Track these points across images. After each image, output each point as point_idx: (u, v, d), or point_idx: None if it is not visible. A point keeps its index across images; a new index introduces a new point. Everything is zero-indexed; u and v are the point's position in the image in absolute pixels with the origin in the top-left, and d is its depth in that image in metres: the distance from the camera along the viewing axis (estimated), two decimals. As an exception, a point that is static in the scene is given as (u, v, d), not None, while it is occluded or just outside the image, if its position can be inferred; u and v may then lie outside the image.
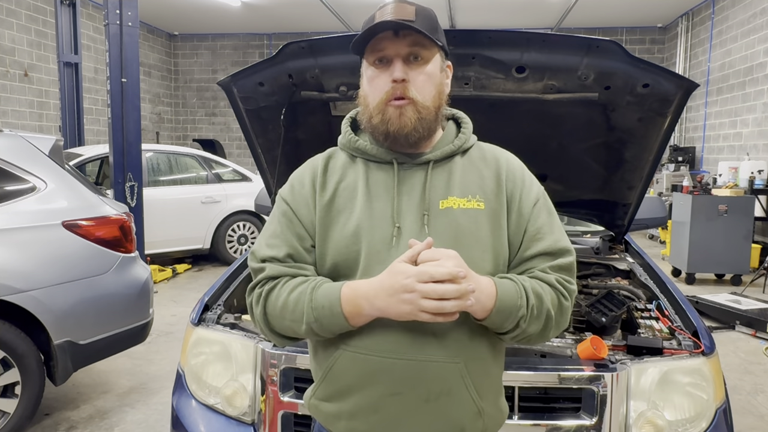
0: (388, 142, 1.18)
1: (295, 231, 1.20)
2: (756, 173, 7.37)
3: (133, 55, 5.42)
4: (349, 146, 1.25)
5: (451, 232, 1.15)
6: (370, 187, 1.19)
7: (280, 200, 1.25)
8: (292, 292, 1.14)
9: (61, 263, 2.95)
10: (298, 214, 1.21)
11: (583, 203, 2.64)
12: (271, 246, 1.20)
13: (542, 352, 1.78)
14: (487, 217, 1.18)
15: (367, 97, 1.20)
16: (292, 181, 1.26)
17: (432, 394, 1.12)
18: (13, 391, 2.84)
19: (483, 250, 1.16)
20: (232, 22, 12.44)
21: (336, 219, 1.18)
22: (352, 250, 1.15)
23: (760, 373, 4.07)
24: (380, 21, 1.13)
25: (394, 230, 1.15)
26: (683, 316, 1.98)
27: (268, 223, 1.26)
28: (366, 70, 1.20)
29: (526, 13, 11.27)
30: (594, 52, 1.87)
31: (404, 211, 1.16)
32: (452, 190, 1.19)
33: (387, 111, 1.15)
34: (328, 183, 1.22)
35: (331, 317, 1.10)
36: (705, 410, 1.67)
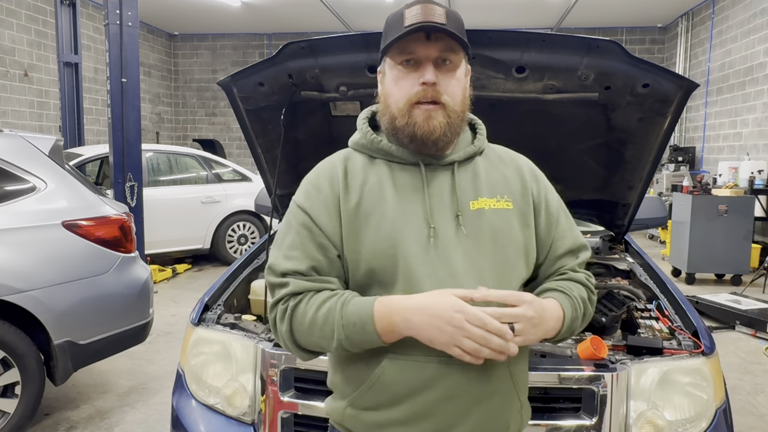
0: (414, 144, 1.16)
1: (317, 241, 1.15)
2: (756, 173, 7.37)
3: (133, 55, 5.42)
4: (371, 147, 1.21)
5: (486, 232, 1.17)
6: (397, 188, 1.16)
7: (297, 209, 1.18)
8: (320, 309, 1.10)
9: (61, 263, 2.95)
10: (319, 222, 1.15)
11: (583, 203, 2.64)
12: (291, 258, 1.15)
13: (542, 352, 1.78)
14: (516, 217, 1.21)
15: (389, 97, 1.18)
16: (307, 187, 1.20)
17: (485, 395, 1.14)
18: (13, 391, 2.84)
19: (516, 249, 1.20)
20: (232, 22, 12.44)
21: (366, 222, 1.13)
22: (389, 254, 1.11)
23: (760, 373, 4.07)
24: (414, 24, 1.11)
25: (430, 231, 1.13)
26: (683, 316, 1.98)
27: (284, 234, 1.19)
28: (390, 70, 1.17)
29: (526, 13, 11.27)
30: (594, 52, 1.87)
31: (436, 212, 1.16)
32: (481, 190, 1.20)
33: (413, 113, 1.13)
34: (351, 186, 1.17)
35: (363, 334, 1.07)
36: (705, 410, 1.67)
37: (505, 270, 1.18)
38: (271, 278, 1.17)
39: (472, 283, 1.11)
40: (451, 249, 1.14)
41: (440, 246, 1.13)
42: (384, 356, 1.12)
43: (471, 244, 1.15)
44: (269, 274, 1.17)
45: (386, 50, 1.17)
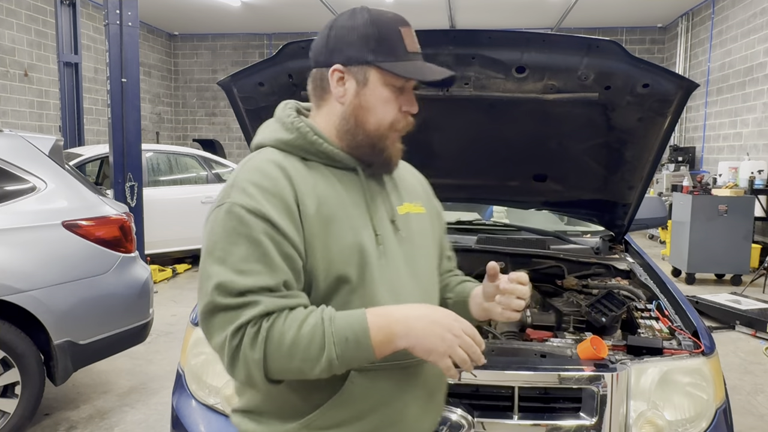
0: (377, 167, 1.18)
1: (283, 251, 1.02)
2: (756, 173, 7.37)
3: (133, 55, 5.42)
4: (309, 149, 1.14)
5: (416, 236, 1.24)
6: (343, 193, 1.13)
7: (249, 215, 1.02)
8: (303, 327, 0.98)
9: (61, 263, 2.95)
10: (283, 229, 1.03)
11: (583, 203, 2.64)
12: (251, 273, 0.99)
13: (542, 352, 1.78)
14: (428, 221, 1.31)
15: (368, 112, 1.13)
16: (257, 191, 1.04)
17: (435, 391, 1.22)
18: (13, 391, 2.84)
19: (434, 251, 1.32)
20: (232, 22, 12.44)
21: (330, 228, 1.08)
22: (356, 260, 1.09)
23: (760, 373, 4.07)
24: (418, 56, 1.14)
25: (378, 239, 1.14)
26: (683, 316, 1.98)
27: (227, 244, 1.02)
28: (379, 88, 1.12)
29: (526, 13, 11.27)
30: (594, 52, 1.87)
31: (377, 217, 1.16)
32: (403, 195, 1.27)
33: (389, 138, 1.15)
34: (306, 190, 1.08)
35: (357, 350, 0.99)
36: (705, 410, 1.67)
37: (432, 270, 1.29)
38: (222, 300, 0.98)
39: (413, 286, 1.17)
40: (394, 254, 1.17)
41: (387, 252, 1.15)
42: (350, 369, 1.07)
43: (407, 248, 1.20)
44: (219, 295, 0.98)
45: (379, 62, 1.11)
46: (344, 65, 1.12)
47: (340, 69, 1.13)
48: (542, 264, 2.54)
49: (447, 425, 1.57)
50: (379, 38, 1.11)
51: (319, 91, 1.18)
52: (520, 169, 2.53)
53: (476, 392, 1.65)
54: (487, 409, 1.64)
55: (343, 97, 1.14)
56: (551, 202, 2.73)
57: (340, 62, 1.12)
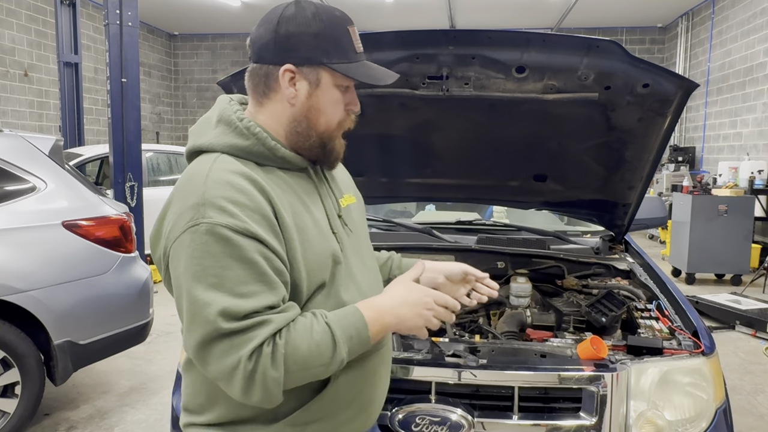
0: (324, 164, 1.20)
1: (275, 267, 1.01)
2: (756, 173, 7.37)
3: (133, 55, 5.42)
4: (270, 155, 1.10)
5: (358, 227, 1.28)
6: (304, 197, 1.13)
7: (239, 236, 0.97)
8: (313, 335, 1.00)
9: (61, 263, 2.95)
10: (272, 246, 1.01)
11: (583, 203, 2.64)
12: (252, 295, 0.96)
13: (542, 352, 1.78)
14: (360, 209, 1.36)
15: (321, 116, 1.12)
16: (240, 208, 0.99)
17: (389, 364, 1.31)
18: (13, 391, 2.84)
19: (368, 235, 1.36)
20: (232, 22, 12.44)
21: (302, 237, 1.07)
22: (327, 264, 1.11)
23: (760, 373, 4.07)
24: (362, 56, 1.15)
25: (336, 236, 1.17)
26: (683, 316, 1.98)
27: (222, 269, 0.96)
28: (330, 89, 1.11)
29: (526, 13, 11.27)
30: (594, 52, 1.87)
31: (330, 216, 1.19)
32: (341, 188, 1.29)
33: (336, 138, 1.16)
34: (278, 200, 1.05)
35: (360, 345, 1.06)
36: (705, 410, 1.67)
37: (373, 255, 1.37)
38: (228, 325, 0.94)
39: (366, 274, 1.23)
40: (348, 248, 1.20)
41: (346, 249, 1.19)
42: None
43: (354, 240, 1.25)
44: (224, 321, 0.94)
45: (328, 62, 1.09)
46: (296, 66, 1.08)
47: (292, 69, 1.08)
48: (542, 264, 2.54)
49: (447, 425, 1.57)
50: (332, 39, 1.09)
51: (262, 89, 1.12)
52: (520, 169, 2.53)
53: (476, 392, 1.65)
54: (487, 409, 1.64)
55: (294, 98, 1.10)
56: (551, 202, 2.73)
57: (293, 62, 1.08)
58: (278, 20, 1.08)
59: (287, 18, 1.08)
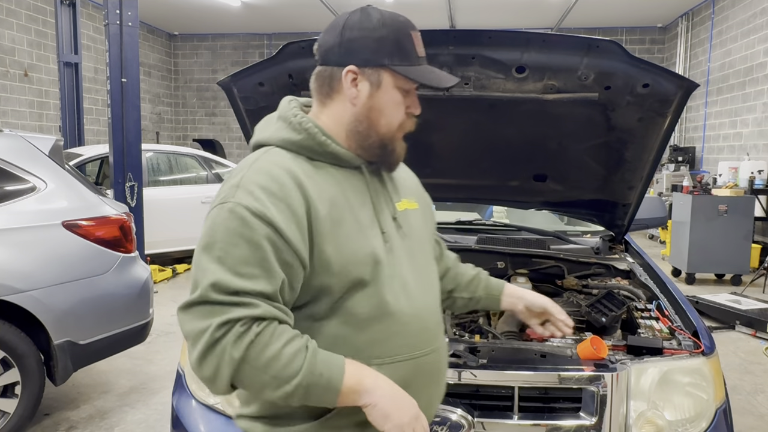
0: (384, 165, 1.21)
1: (282, 258, 1.03)
2: (756, 173, 7.37)
3: (133, 55, 5.42)
4: (317, 150, 1.14)
5: (414, 231, 1.26)
6: (350, 193, 1.15)
7: (254, 218, 1.02)
8: (288, 345, 1.00)
9: (61, 263, 2.94)
10: (287, 236, 1.03)
11: (583, 203, 2.64)
12: (247, 277, 1.00)
13: (542, 352, 1.78)
14: (421, 215, 1.33)
15: (381, 115, 1.15)
16: (265, 194, 1.04)
17: (441, 376, 1.27)
18: (13, 391, 2.84)
19: (430, 245, 1.36)
20: (232, 22, 12.44)
21: (340, 231, 1.09)
22: (366, 261, 1.11)
23: (760, 373, 4.07)
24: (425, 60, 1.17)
25: (384, 236, 1.17)
26: (683, 316, 1.98)
27: (230, 246, 1.01)
28: (391, 91, 1.14)
29: (526, 13, 11.27)
30: (594, 52, 1.87)
31: (381, 215, 1.19)
32: (400, 192, 1.29)
33: (398, 139, 1.19)
34: (316, 193, 1.09)
35: (324, 389, 1.01)
36: (705, 410, 1.67)
37: (430, 262, 1.33)
38: (216, 296, 0.98)
39: (417, 279, 1.21)
40: (398, 250, 1.19)
41: (393, 249, 1.18)
42: (368, 363, 1.09)
43: (408, 244, 1.23)
44: (213, 291, 0.99)
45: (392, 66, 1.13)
46: (359, 67, 1.13)
47: (355, 70, 1.13)
48: (542, 264, 2.54)
49: (447, 425, 1.57)
50: (394, 42, 1.13)
51: (326, 89, 1.17)
52: (520, 169, 2.53)
53: (476, 392, 1.65)
54: (487, 409, 1.64)
55: (356, 98, 1.14)
56: (551, 202, 2.73)
57: (355, 64, 1.13)
58: (344, 25, 1.15)
59: (352, 23, 1.14)
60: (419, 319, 1.18)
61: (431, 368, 1.22)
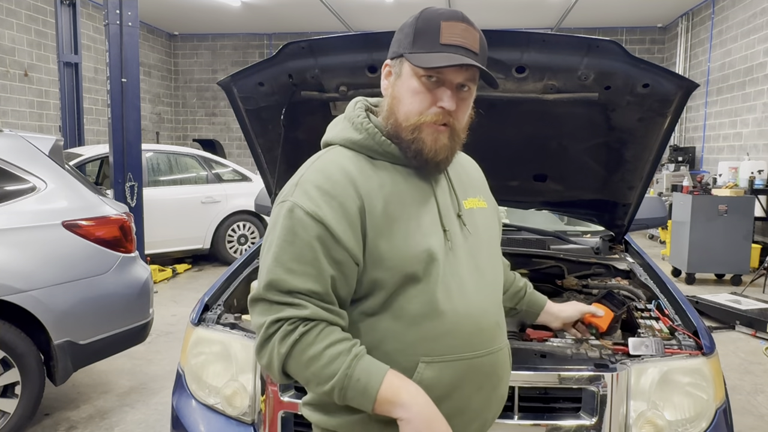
0: (417, 161, 1.15)
1: (333, 256, 1.07)
2: (756, 173, 7.37)
3: (133, 55, 5.42)
4: (377, 149, 1.17)
5: (482, 230, 1.25)
6: (412, 191, 1.16)
7: (307, 218, 1.07)
8: (331, 347, 1.05)
9: (61, 263, 2.95)
10: (338, 234, 1.07)
11: (583, 203, 2.64)
12: (299, 275, 1.06)
13: (542, 352, 1.78)
14: (491, 214, 1.32)
15: (399, 103, 1.14)
16: (319, 194, 1.08)
17: (500, 381, 1.24)
18: (13, 391, 2.84)
19: (497, 244, 1.33)
20: (232, 22, 12.44)
21: (396, 228, 1.11)
22: (422, 258, 1.11)
23: (760, 373, 4.07)
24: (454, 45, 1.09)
25: (446, 234, 1.16)
26: (683, 316, 1.98)
27: (283, 243, 1.08)
28: (409, 79, 1.13)
29: (526, 13, 11.27)
30: (594, 52, 1.87)
31: (445, 214, 1.19)
32: (468, 190, 1.28)
33: (422, 131, 1.12)
34: (372, 191, 1.11)
35: (361, 395, 1.04)
36: (705, 410, 1.67)
37: (497, 264, 1.30)
38: (271, 295, 1.07)
39: (477, 280, 1.19)
40: (461, 249, 1.19)
41: (454, 247, 1.17)
42: (417, 360, 1.11)
43: (473, 243, 1.22)
44: (268, 290, 1.07)
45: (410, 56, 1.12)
46: (391, 59, 1.19)
47: (389, 63, 1.19)
48: (542, 264, 2.54)
49: (447, 425, 1.57)
50: (417, 32, 1.13)
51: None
52: (520, 169, 2.53)
53: (476, 392, 1.65)
54: (487, 409, 1.64)
55: (387, 89, 1.19)
56: (551, 202, 2.73)
57: (389, 57, 1.19)
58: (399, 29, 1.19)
59: (402, 25, 1.18)
60: (473, 320, 1.16)
61: (486, 370, 1.19)
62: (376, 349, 1.11)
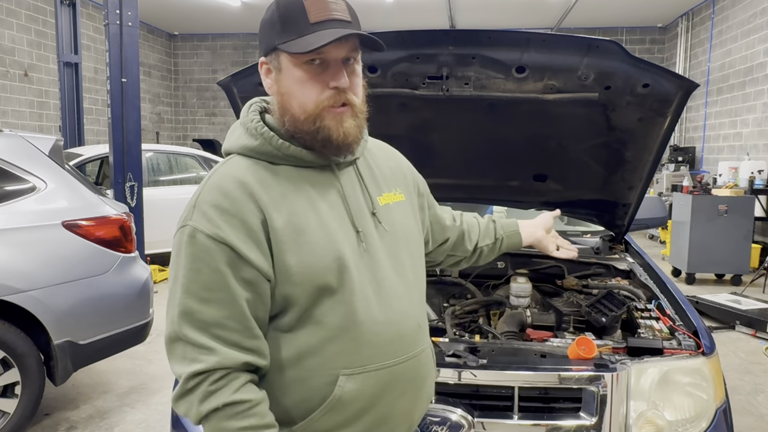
0: (328, 149, 1.09)
1: (242, 277, 1.02)
2: (756, 173, 7.37)
3: (133, 55, 5.42)
4: (276, 154, 1.09)
5: (398, 227, 1.20)
6: (316, 194, 1.10)
7: (209, 241, 1.00)
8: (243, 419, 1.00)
9: (61, 263, 2.94)
10: (244, 253, 1.01)
11: (583, 203, 2.64)
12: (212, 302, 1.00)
13: (542, 352, 1.78)
14: (409, 207, 1.27)
15: (290, 97, 1.07)
16: (216, 213, 1.02)
17: (423, 381, 1.21)
18: (13, 391, 2.84)
19: (418, 238, 1.28)
20: (232, 22, 12.44)
21: (302, 239, 1.05)
22: (333, 267, 1.06)
23: (760, 373, 4.07)
24: (323, 21, 1.03)
25: (360, 236, 1.12)
26: (683, 316, 1.98)
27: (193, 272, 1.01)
28: (292, 70, 1.06)
29: (526, 13, 11.27)
30: (594, 52, 1.87)
31: (357, 213, 1.13)
32: (382, 185, 1.22)
33: (324, 118, 1.06)
34: (272, 202, 1.05)
35: None
36: (705, 410, 1.67)
37: (416, 259, 1.25)
38: (185, 330, 1.01)
39: (396, 279, 1.16)
40: (377, 250, 1.14)
41: (369, 249, 1.12)
42: (337, 373, 1.07)
43: (389, 241, 1.17)
44: (183, 323, 1.02)
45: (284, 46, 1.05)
46: (265, 56, 1.11)
47: (264, 61, 1.11)
48: (542, 264, 2.54)
49: (447, 425, 1.57)
50: (282, 19, 1.06)
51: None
52: (520, 169, 2.53)
53: (476, 392, 1.65)
54: (487, 409, 1.64)
55: (271, 87, 1.11)
56: (551, 202, 2.73)
57: (262, 54, 1.11)
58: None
59: (262, 20, 1.11)
60: (394, 327, 1.12)
61: (409, 376, 1.16)
62: (296, 365, 1.07)
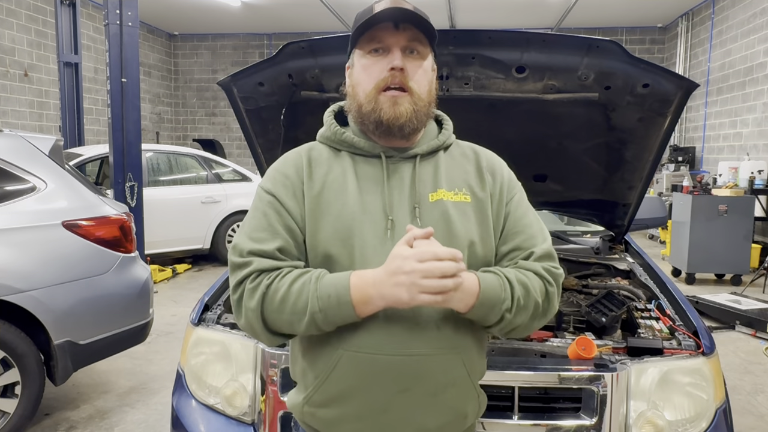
0: (380, 131, 1.18)
1: (285, 223, 1.16)
2: (756, 173, 7.37)
3: (133, 55, 5.42)
4: (334, 139, 1.24)
5: (442, 223, 1.17)
6: (359, 180, 1.19)
7: (264, 193, 1.20)
8: (294, 283, 1.09)
9: (61, 263, 2.94)
10: (286, 205, 1.17)
11: (583, 203, 2.64)
12: (257, 240, 1.15)
13: (542, 352, 1.78)
14: (473, 209, 1.22)
15: (357, 85, 1.20)
16: (273, 174, 1.23)
17: (440, 387, 1.15)
18: (13, 391, 2.84)
19: (468, 241, 1.18)
20: (232, 22, 12.44)
21: (327, 210, 1.16)
22: (346, 243, 1.14)
23: (760, 373, 4.07)
24: (382, 10, 1.14)
25: (388, 223, 1.15)
26: (683, 316, 1.98)
27: (250, 217, 1.20)
28: (359, 60, 1.20)
29: (526, 13, 11.27)
30: (594, 52, 1.87)
31: (396, 204, 1.17)
32: (440, 183, 1.22)
33: (379, 99, 1.16)
34: (315, 175, 1.20)
35: (338, 307, 1.06)
36: (705, 410, 1.67)
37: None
38: (234, 258, 1.16)
39: None
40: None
41: (397, 238, 1.12)
42: (337, 348, 1.13)
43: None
44: (233, 254, 1.17)
45: (355, 42, 1.20)
46: (348, 62, 1.27)
47: (348, 65, 1.27)
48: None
49: (447, 425, 1.57)
50: (356, 23, 1.19)
51: None
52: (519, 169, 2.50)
53: (476, 392, 1.65)
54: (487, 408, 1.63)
55: (348, 85, 1.25)
56: (551, 202, 2.73)
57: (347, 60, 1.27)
58: None
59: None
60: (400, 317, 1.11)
61: (414, 373, 1.12)
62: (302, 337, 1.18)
